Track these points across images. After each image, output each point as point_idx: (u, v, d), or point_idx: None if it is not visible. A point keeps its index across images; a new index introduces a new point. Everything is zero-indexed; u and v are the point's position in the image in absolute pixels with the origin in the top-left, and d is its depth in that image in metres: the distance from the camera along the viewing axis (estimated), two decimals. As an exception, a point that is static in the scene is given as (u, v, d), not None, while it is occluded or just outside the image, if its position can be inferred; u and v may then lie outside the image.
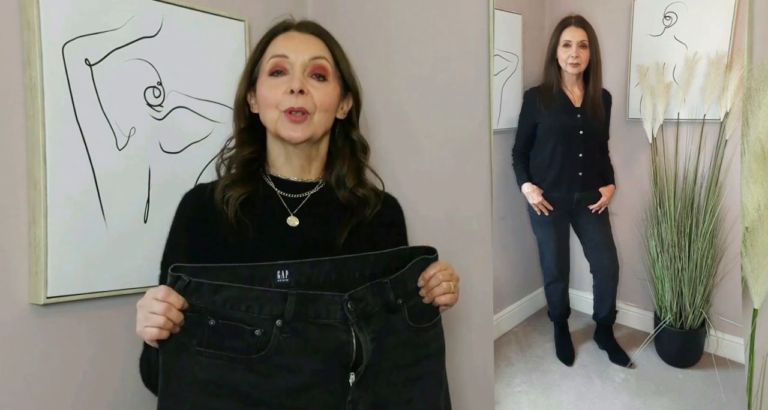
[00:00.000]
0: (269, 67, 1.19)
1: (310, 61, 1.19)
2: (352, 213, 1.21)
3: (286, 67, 1.19)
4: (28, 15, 1.19)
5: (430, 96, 1.62)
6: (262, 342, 0.99)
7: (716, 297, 1.40)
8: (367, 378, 1.04)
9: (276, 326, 0.99)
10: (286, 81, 1.18)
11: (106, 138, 1.30)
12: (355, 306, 1.03)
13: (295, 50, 1.19)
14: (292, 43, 1.20)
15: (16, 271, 1.21)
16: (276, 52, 1.20)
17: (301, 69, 1.18)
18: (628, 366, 1.49)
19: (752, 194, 1.26)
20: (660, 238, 1.46)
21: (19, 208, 1.21)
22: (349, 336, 1.03)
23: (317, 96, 1.18)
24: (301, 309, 1.00)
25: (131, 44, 1.34)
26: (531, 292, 1.66)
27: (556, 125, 1.59)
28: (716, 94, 1.35)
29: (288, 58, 1.18)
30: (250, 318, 0.98)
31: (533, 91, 1.59)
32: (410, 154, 1.64)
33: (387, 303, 1.07)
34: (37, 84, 1.20)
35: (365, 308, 1.05)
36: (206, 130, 1.48)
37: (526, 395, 1.54)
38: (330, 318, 1.02)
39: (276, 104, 1.17)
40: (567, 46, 1.54)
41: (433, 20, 1.61)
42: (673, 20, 1.41)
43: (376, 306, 1.06)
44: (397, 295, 1.08)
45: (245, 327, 0.98)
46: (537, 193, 1.59)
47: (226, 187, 1.18)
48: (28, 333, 1.23)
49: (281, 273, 1.03)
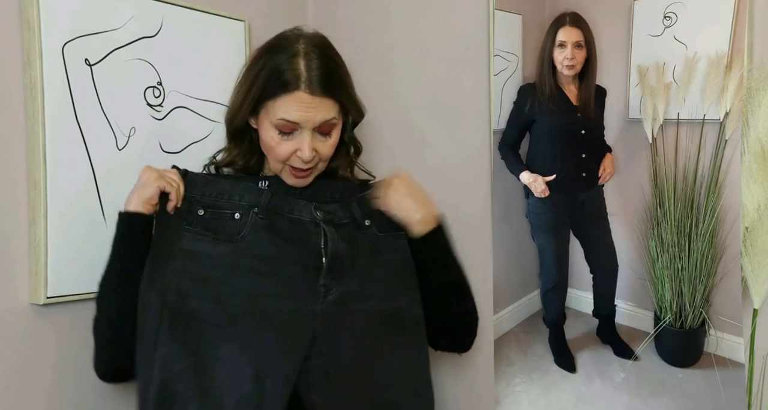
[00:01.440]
0: (277, 124, 1.14)
1: (321, 124, 1.15)
2: None
3: (295, 128, 1.14)
4: (28, 15, 1.19)
5: (430, 96, 1.62)
6: (240, 224, 1.14)
7: (716, 297, 1.40)
8: (341, 270, 1.15)
9: (253, 212, 1.14)
10: (293, 141, 1.14)
11: (106, 138, 1.30)
12: (324, 213, 1.17)
13: (307, 118, 1.13)
14: (303, 109, 1.12)
15: (16, 271, 1.21)
16: (287, 117, 1.12)
17: (311, 131, 1.14)
18: (633, 359, 1.49)
19: (752, 194, 1.26)
20: (660, 238, 1.46)
21: (19, 208, 1.21)
22: (318, 230, 1.16)
23: (322, 150, 1.17)
24: (275, 203, 1.16)
25: (131, 44, 1.34)
26: (531, 292, 1.66)
27: (557, 126, 1.58)
28: (716, 94, 1.35)
29: (298, 124, 1.13)
30: (231, 206, 1.15)
31: (530, 87, 1.57)
32: (410, 154, 1.64)
33: (354, 219, 1.20)
34: (37, 84, 1.20)
35: (333, 218, 1.18)
36: (206, 130, 1.48)
37: (526, 395, 1.54)
38: (301, 215, 1.17)
39: (284, 159, 1.16)
40: (562, 46, 1.52)
41: (433, 20, 1.61)
42: (673, 20, 1.41)
43: (345, 219, 1.20)
44: (363, 215, 1.21)
45: (227, 213, 1.14)
46: (540, 179, 1.56)
47: None
48: (28, 333, 1.23)
49: (262, 182, 1.21)
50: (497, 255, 1.56)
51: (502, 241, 1.58)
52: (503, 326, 1.60)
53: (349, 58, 1.24)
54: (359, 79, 1.26)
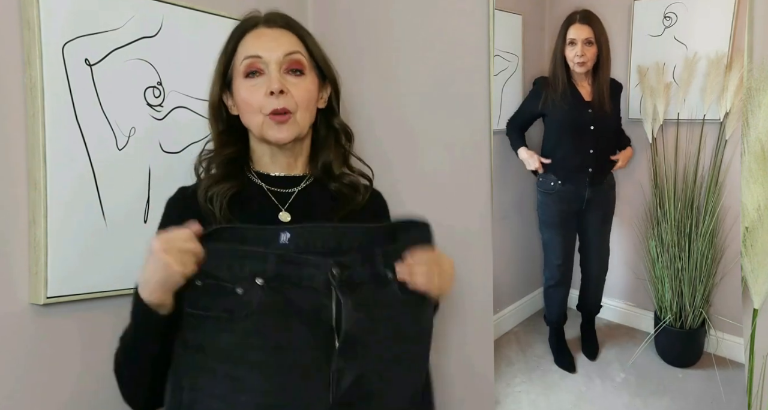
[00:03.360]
0: (243, 68, 1.16)
1: (285, 58, 1.16)
2: (343, 202, 1.21)
3: (261, 67, 1.16)
4: (28, 15, 1.19)
5: (430, 96, 1.62)
6: (244, 300, 0.97)
7: (716, 297, 1.40)
8: (355, 349, 1.01)
9: (257, 284, 0.98)
10: (263, 82, 1.15)
11: (106, 138, 1.30)
12: (341, 272, 1.00)
13: (268, 48, 1.16)
14: (263, 41, 1.17)
15: (16, 271, 1.21)
16: (248, 53, 1.16)
17: (277, 67, 1.15)
18: (596, 360, 1.52)
19: (752, 194, 1.26)
20: (660, 238, 1.46)
21: (19, 208, 1.21)
22: (330, 300, 1.00)
23: (297, 93, 1.15)
24: (282, 270, 0.99)
25: (131, 44, 1.34)
26: (531, 292, 1.66)
27: (565, 120, 1.58)
28: (716, 94, 1.35)
29: (262, 58, 1.15)
30: (232, 277, 0.98)
31: (545, 80, 1.57)
32: (410, 154, 1.64)
33: (376, 274, 1.03)
34: (37, 84, 1.19)
35: (351, 276, 1.01)
36: (206, 130, 1.47)
37: (526, 395, 1.54)
38: (313, 281, 1.00)
39: (259, 108, 1.15)
40: (572, 44, 1.53)
41: (433, 20, 1.61)
42: (673, 20, 1.41)
43: (364, 277, 1.03)
44: (387, 267, 1.04)
45: (227, 286, 0.98)
46: (535, 157, 1.57)
47: (209, 186, 1.15)
48: (28, 333, 1.23)
49: (284, 235, 1.03)
50: (497, 255, 1.56)
51: (503, 241, 1.58)
52: (503, 326, 1.60)
53: (350, 58, 1.25)
54: (359, 78, 1.26)
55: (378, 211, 1.28)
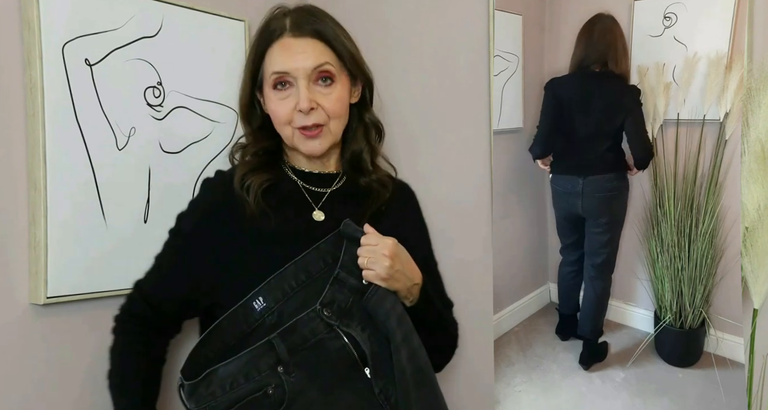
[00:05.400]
0: (271, 81, 1.14)
1: (314, 71, 1.13)
2: (373, 198, 1.21)
3: (289, 80, 1.13)
4: (28, 15, 1.19)
5: (430, 96, 1.62)
6: (278, 395, 1.01)
7: (716, 297, 1.40)
8: (381, 365, 1.06)
9: (280, 373, 1.02)
10: (292, 95, 1.13)
11: (106, 138, 1.30)
12: (330, 310, 1.05)
13: (295, 64, 1.12)
14: (290, 55, 1.13)
15: (16, 271, 1.21)
16: (275, 69, 1.13)
17: (306, 80, 1.12)
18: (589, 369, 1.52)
19: (752, 194, 1.26)
20: (660, 238, 1.46)
21: (19, 208, 1.21)
22: (341, 339, 1.06)
23: (327, 105, 1.13)
24: (290, 345, 1.03)
25: (131, 44, 1.34)
26: (531, 292, 1.66)
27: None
28: (716, 94, 1.35)
29: (289, 74, 1.13)
30: (255, 384, 1.01)
31: (556, 83, 1.57)
32: (410, 154, 1.64)
33: (354, 288, 1.07)
34: (37, 84, 1.20)
35: (341, 306, 1.06)
36: (206, 130, 1.48)
37: (527, 395, 1.54)
38: (317, 335, 1.04)
39: (288, 121, 1.14)
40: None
41: (433, 21, 1.61)
42: (673, 21, 1.41)
43: (349, 297, 1.07)
44: (353, 276, 1.07)
45: (257, 395, 1.01)
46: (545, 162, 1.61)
47: (245, 174, 1.15)
48: (28, 333, 1.23)
49: (257, 302, 1.05)
50: (497, 255, 1.56)
51: (503, 241, 1.58)
52: (503, 326, 1.60)
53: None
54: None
55: (407, 202, 1.30)
